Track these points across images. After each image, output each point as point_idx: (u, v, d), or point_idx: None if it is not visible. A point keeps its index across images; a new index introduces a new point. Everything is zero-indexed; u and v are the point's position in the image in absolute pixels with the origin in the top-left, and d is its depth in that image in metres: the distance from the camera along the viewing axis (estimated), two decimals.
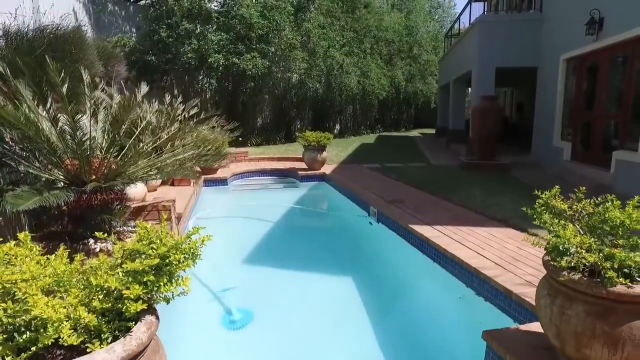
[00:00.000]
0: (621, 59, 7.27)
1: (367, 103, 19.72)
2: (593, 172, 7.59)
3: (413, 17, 23.14)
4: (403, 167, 9.53)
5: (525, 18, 10.54)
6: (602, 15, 7.33)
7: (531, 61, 10.21)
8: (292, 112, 16.58)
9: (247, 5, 12.14)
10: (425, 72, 23.20)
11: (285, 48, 13.38)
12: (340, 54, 16.35)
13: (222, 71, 12.05)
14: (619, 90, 7.40)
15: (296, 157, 10.33)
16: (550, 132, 9.37)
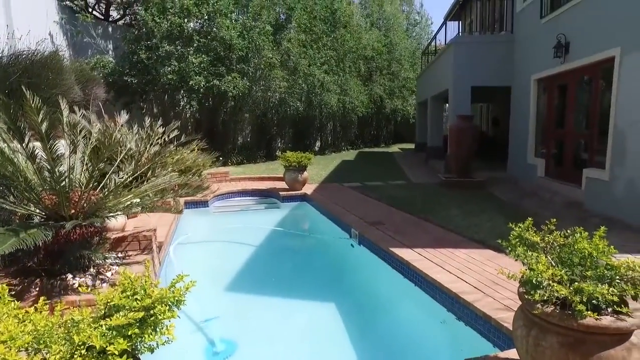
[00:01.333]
0: (587, 81, 7.61)
1: (347, 120, 19.96)
2: (566, 188, 7.85)
3: (391, 35, 23.67)
4: (383, 185, 9.66)
5: (498, 40, 10.95)
6: (568, 40, 7.69)
7: (504, 81, 10.56)
8: (273, 130, 16.67)
9: (226, 26, 12.21)
10: (404, 89, 23.67)
11: (265, 67, 13.50)
12: (321, 72, 16.57)
13: (203, 92, 12.05)
14: (586, 109, 7.72)
15: (277, 177, 10.34)
16: (525, 149, 9.65)
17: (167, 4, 11.66)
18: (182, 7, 11.79)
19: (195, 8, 12.05)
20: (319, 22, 17.23)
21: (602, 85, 7.04)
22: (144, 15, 11.48)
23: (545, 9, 8.74)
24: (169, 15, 11.61)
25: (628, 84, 6.12)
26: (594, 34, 6.97)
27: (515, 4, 10.50)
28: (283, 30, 14.80)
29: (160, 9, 11.68)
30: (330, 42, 17.94)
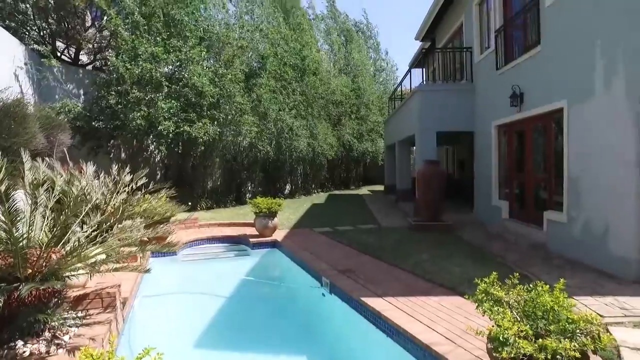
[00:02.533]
0: (541, 128, 8.08)
1: (317, 163, 20.20)
2: (529, 230, 8.12)
3: (359, 81, 24.57)
4: (354, 230, 9.71)
5: (459, 88, 11.53)
6: (522, 90, 8.22)
7: (467, 126, 11.07)
8: (243, 174, 16.62)
9: (197, 74, 12.37)
10: (372, 132, 24.35)
11: (236, 113, 13.65)
12: (290, 117, 16.88)
13: (173, 138, 11.99)
14: (543, 154, 8.15)
15: (247, 223, 10.23)
16: (489, 192, 10.00)
17: (138, 50, 11.74)
18: (153, 54, 11.91)
19: (166, 55, 12.19)
20: (289, 69, 17.74)
21: (555, 132, 7.49)
22: (115, 61, 11.51)
23: (500, 62, 9.35)
24: (140, 62, 11.67)
25: (576, 132, 6.55)
26: (544, 87, 7.49)
27: (474, 55, 11.21)
28: (254, 77, 15.13)
29: (131, 55, 11.75)
30: (300, 87, 18.43)
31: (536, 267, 6.13)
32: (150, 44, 12.07)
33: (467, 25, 11.70)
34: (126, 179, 6.08)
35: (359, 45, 27.04)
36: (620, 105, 5.50)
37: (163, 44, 12.32)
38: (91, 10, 13.97)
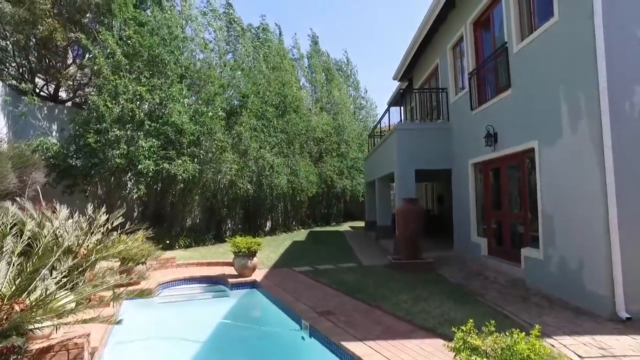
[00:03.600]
0: (515, 167, 8.31)
1: (298, 200, 20.17)
2: (508, 267, 8.19)
3: (340, 118, 25.03)
4: (334, 269, 9.61)
5: (436, 127, 11.86)
6: (496, 130, 8.51)
7: (445, 164, 11.30)
8: (223, 211, 16.46)
9: (178, 111, 12.42)
10: (353, 168, 24.59)
11: (217, 151, 13.65)
12: (271, 155, 16.96)
13: (152, 176, 11.85)
14: (518, 192, 8.34)
15: (226, 262, 10.04)
16: (468, 228, 10.11)
17: (119, 89, 11.77)
18: (135, 92, 11.95)
19: (148, 94, 12.24)
20: (270, 107, 18.00)
21: (529, 171, 7.72)
22: (96, 100, 11.47)
23: (474, 103, 9.71)
24: (121, 100, 11.67)
25: (547, 172, 6.76)
26: (516, 127, 7.78)
27: (449, 96, 11.62)
28: (235, 115, 15.27)
29: (112, 94, 11.76)
30: (281, 125, 18.65)
31: (515, 305, 6.15)
32: (132, 82, 12.14)
33: (442, 67, 12.19)
34: (102, 219, 5.94)
35: (340, 83, 27.76)
36: (585, 147, 5.74)
37: (145, 83, 12.41)
38: (72, 48, 14.08)
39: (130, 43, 12.49)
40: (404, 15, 64.49)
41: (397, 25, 64.44)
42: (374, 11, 61.53)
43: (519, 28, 7.82)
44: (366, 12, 60.30)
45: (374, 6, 60.52)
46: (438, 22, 11.55)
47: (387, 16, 63.66)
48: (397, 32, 66.36)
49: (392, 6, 63.15)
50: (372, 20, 62.39)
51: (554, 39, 6.53)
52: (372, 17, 62.40)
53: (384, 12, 62.82)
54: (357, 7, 58.67)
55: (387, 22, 64.08)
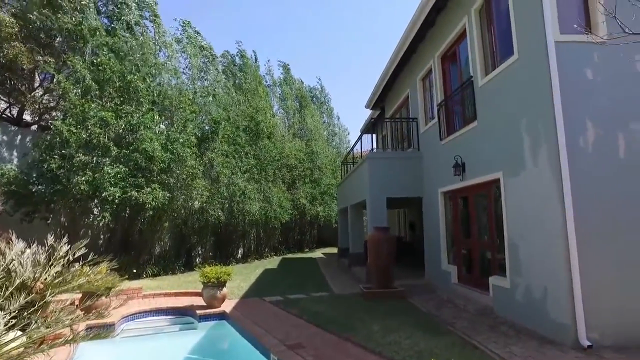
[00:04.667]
0: (483, 196, 8.53)
1: (270, 227, 19.98)
2: (477, 295, 8.28)
3: (313, 144, 25.20)
4: (305, 299, 9.49)
5: (407, 156, 12.11)
6: (464, 160, 8.76)
7: (416, 192, 11.49)
8: (193, 238, 16.10)
9: (149, 138, 12.24)
10: (326, 195, 24.63)
11: (187, 177, 13.45)
12: (243, 181, 16.84)
13: (119, 203, 11.52)
14: (486, 221, 8.53)
15: (195, 292, 9.77)
16: (439, 256, 10.23)
17: (86, 114, 11.53)
18: (104, 118, 11.73)
19: (118, 120, 12.03)
20: (243, 133, 17.97)
21: (495, 200, 7.93)
22: (60, 125, 11.19)
23: (442, 133, 10.00)
24: (89, 126, 11.42)
25: (512, 202, 6.97)
26: (482, 158, 8.03)
27: (419, 125, 11.93)
28: (207, 141, 15.17)
29: (79, 119, 11.51)
30: (253, 151, 18.62)
31: (484, 334, 6.20)
32: (100, 108, 11.92)
33: (413, 97, 12.56)
34: (62, 250, 5.71)
35: (313, 110, 28.10)
36: (546, 179, 5.98)
37: (115, 109, 12.21)
38: (39, 71, 13.79)
39: (102, 69, 12.33)
40: (380, 45, 66.55)
41: (372, 54, 66.33)
42: (350, 42, 63.29)
43: (483, 63, 8.20)
44: (342, 43, 61.95)
45: (350, 41, 62.29)
46: (408, 54, 11.96)
47: (364, 46, 65.54)
48: (371, 60, 68.24)
49: (369, 41, 65.14)
50: (348, 50, 64.05)
51: (515, 75, 6.86)
52: (348, 48, 64.12)
53: (360, 45, 64.71)
54: (332, 38, 60.24)
55: (363, 51, 65.94)
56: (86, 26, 12.70)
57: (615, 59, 5.70)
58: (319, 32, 59.89)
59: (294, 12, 56.28)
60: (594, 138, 5.80)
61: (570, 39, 5.85)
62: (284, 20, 56.65)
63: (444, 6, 9.57)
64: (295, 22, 58.48)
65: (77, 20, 12.70)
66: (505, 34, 7.31)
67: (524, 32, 6.59)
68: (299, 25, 58.73)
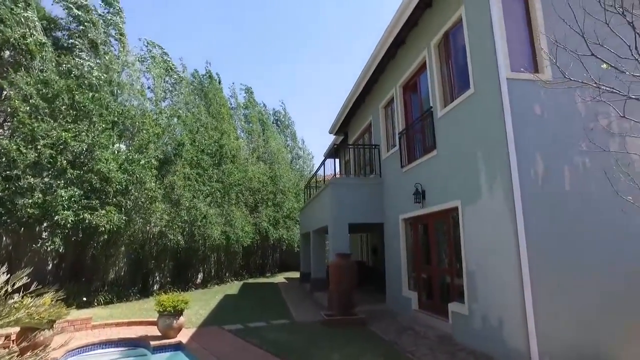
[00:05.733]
0: (442, 223, 8.74)
1: (232, 251, 19.57)
2: (437, 322, 8.36)
3: (276, 168, 25.14)
4: (266, 327, 9.26)
5: (369, 182, 12.27)
6: (424, 188, 8.98)
7: (378, 218, 11.63)
8: (151, 263, 15.47)
9: (105, 159, 11.78)
10: (288, 219, 24.51)
11: (146, 200, 13.02)
12: (205, 205, 16.49)
13: (71, 227, 10.93)
14: (445, 248, 8.71)
15: (150, 321, 9.32)
16: (400, 282, 10.30)
17: (37, 134, 10.97)
18: (58, 137, 11.21)
19: (73, 141, 11.52)
20: (206, 156, 17.70)
21: (453, 228, 8.13)
22: (7, 144, 10.58)
23: (404, 161, 10.24)
24: (39, 146, 10.87)
25: (470, 230, 7.18)
26: (441, 186, 8.26)
27: (381, 152, 12.17)
28: (169, 164, 14.82)
29: (29, 138, 10.94)
30: (217, 174, 18.35)
31: None
32: (51, 127, 11.39)
33: (375, 124, 12.85)
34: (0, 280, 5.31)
35: (276, 133, 28.21)
36: (501, 209, 6.22)
37: (69, 129, 11.71)
38: None
39: (51, 86, 11.80)
40: (347, 69, 68.17)
41: (339, 77, 67.81)
42: (316, 65, 64.47)
43: (442, 95, 8.53)
44: (308, 66, 63.01)
45: (317, 63, 63.50)
46: (371, 83, 12.30)
47: (331, 69, 66.92)
48: (338, 84, 69.69)
49: (336, 62, 66.63)
50: (315, 73, 65.18)
51: (471, 108, 7.18)
52: (315, 70, 65.27)
53: (327, 66, 66.06)
54: (298, 61, 61.21)
55: (330, 74, 67.27)
56: (32, 41, 12.15)
57: (559, 96, 6.10)
58: (285, 56, 60.77)
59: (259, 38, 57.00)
60: (543, 170, 6.12)
61: (520, 76, 6.21)
62: (248, 45, 57.18)
63: (404, 41, 9.97)
64: (260, 48, 59.16)
65: (21, 33, 12.00)
66: (462, 69, 7.67)
67: (479, 68, 6.95)
68: (264, 52, 59.42)
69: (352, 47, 67.16)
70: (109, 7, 14.89)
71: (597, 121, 6.10)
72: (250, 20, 55.71)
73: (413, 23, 9.26)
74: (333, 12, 58.83)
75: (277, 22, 56.71)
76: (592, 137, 5.90)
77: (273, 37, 57.66)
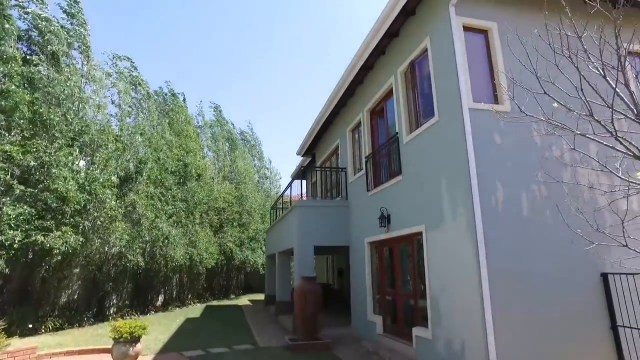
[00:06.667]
0: (407, 248, 8.85)
1: (194, 272, 19.01)
2: (401, 346, 8.36)
3: (243, 188, 24.84)
4: (228, 353, 8.98)
5: (335, 204, 12.31)
6: (389, 212, 9.10)
7: (343, 241, 11.64)
8: (108, 285, 14.72)
9: (63, 177, 11.24)
10: (254, 240, 24.16)
11: (106, 220, 12.49)
12: (168, 225, 16.01)
13: (18, 249, 10.27)
14: (410, 272, 8.79)
15: (104, 348, 8.85)
16: (365, 306, 10.28)
17: None
18: (5, 152, 10.59)
19: (23, 156, 10.91)
20: (170, 174, 17.28)
21: (418, 253, 8.24)
22: None
23: (370, 185, 10.36)
24: None
25: (433, 255, 7.29)
26: (406, 211, 8.39)
27: (348, 175, 12.28)
28: (131, 182, 14.35)
29: None
30: (181, 193, 17.92)
31: None
32: (3, 142, 10.80)
33: (342, 147, 12.98)
34: None
35: (244, 153, 28.00)
36: (463, 234, 6.37)
37: (23, 143, 11.12)
38: None
39: (10, 98, 11.25)
40: (315, 91, 68.99)
41: (307, 99, 68.47)
42: (284, 89, 64.95)
43: (408, 121, 8.74)
44: (277, 89, 63.39)
45: (286, 84, 64.04)
46: (339, 106, 12.49)
47: (300, 88, 67.52)
48: (306, 106, 70.30)
49: (306, 79, 67.36)
50: (284, 93, 65.60)
51: (436, 135, 7.39)
52: (284, 90, 65.70)
53: (297, 85, 66.64)
54: (267, 78, 61.52)
55: (298, 95, 67.84)
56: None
57: (517, 127, 6.38)
58: (252, 77, 60.97)
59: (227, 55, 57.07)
60: (503, 197, 6.35)
61: (481, 107, 6.48)
62: (215, 64, 57.08)
63: (371, 67, 10.23)
64: (230, 69, 59.18)
65: None
66: (427, 97, 7.92)
67: (443, 97, 7.19)
68: (233, 71, 59.45)
69: (320, 69, 68.32)
70: (71, 18, 14.43)
71: (551, 152, 6.43)
72: (218, 39, 55.80)
73: (381, 51, 9.53)
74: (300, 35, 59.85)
75: (244, 41, 57.06)
76: (547, 166, 6.22)
77: (240, 56, 57.86)
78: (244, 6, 53.67)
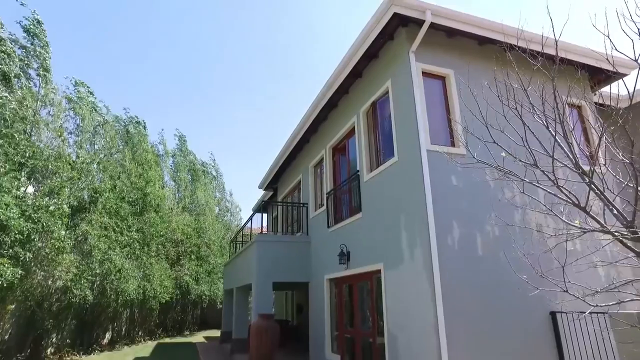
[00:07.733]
0: (366, 286, 8.81)
1: (147, 307, 18.07)
2: None
3: (202, 220, 24.24)
4: None
5: (296, 240, 12.18)
6: (349, 249, 9.10)
7: (303, 277, 11.48)
8: (48, 322, 13.56)
9: (5, 204, 10.52)
10: (212, 273, 23.42)
11: (52, 251, 11.74)
12: (121, 257, 15.26)
13: None
14: (369, 310, 8.71)
15: None
16: (323, 344, 10.06)
17: None
18: None
19: None
20: (126, 204, 16.66)
21: (377, 291, 8.22)
22: None
23: (330, 221, 10.38)
24: None
25: (392, 294, 7.30)
26: (366, 248, 8.42)
27: (309, 210, 12.27)
28: (83, 212, 13.67)
29: None
30: (137, 224, 17.24)
31: None
32: None
33: (305, 182, 13.02)
34: None
35: (205, 184, 27.54)
36: (420, 274, 6.44)
37: None
38: None
39: None
40: (278, 124, 69.49)
41: (269, 132, 68.76)
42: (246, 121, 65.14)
43: (369, 160, 8.92)
44: (239, 122, 63.49)
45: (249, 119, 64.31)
46: (303, 141, 12.62)
47: (260, 121, 67.84)
48: (268, 139, 70.50)
49: (268, 117, 67.86)
50: (244, 126, 65.67)
51: (395, 175, 7.57)
52: (245, 122, 65.80)
53: (259, 121, 66.96)
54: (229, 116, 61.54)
55: (259, 128, 68.07)
56: None
57: (472, 170, 6.60)
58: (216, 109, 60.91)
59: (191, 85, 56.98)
60: (459, 236, 6.52)
61: (439, 149, 6.73)
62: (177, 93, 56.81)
63: (335, 105, 10.49)
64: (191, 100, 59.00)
65: None
66: (388, 137, 8.14)
67: (402, 138, 7.42)
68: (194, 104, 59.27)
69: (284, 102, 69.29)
70: (33, 38, 14.00)
71: (503, 194, 6.72)
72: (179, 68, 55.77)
73: (344, 90, 9.81)
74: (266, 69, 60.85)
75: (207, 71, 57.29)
76: (500, 208, 6.48)
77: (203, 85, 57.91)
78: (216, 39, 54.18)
